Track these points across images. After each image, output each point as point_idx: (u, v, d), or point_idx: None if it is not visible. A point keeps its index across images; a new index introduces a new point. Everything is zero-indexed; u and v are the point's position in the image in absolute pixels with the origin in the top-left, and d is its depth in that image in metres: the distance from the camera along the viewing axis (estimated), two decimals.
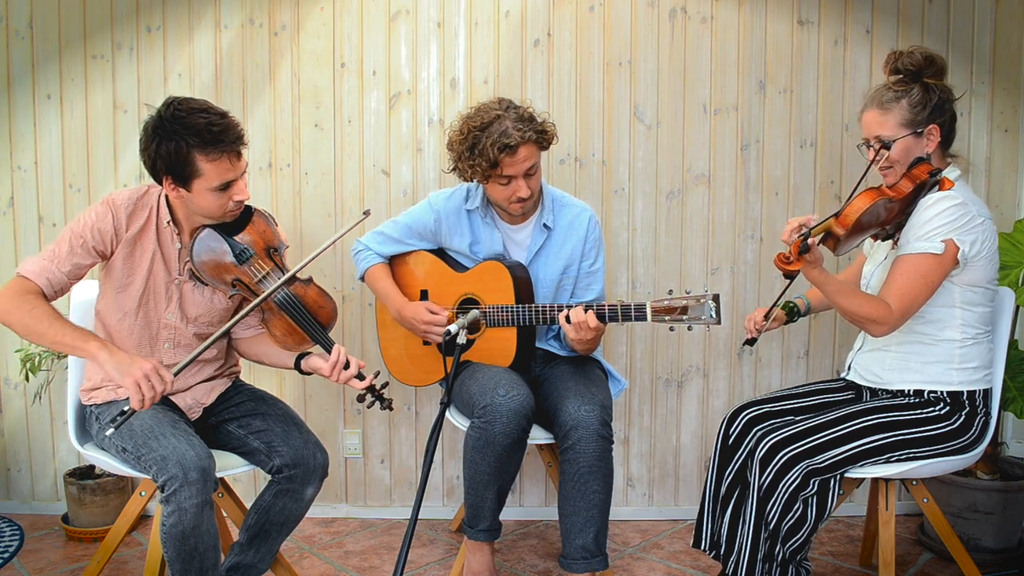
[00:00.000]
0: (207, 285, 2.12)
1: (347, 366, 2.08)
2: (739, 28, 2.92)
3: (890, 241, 2.13)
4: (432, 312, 2.41)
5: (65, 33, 2.92)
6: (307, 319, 2.10)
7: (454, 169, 2.38)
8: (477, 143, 2.26)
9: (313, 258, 2.07)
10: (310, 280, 2.15)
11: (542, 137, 2.31)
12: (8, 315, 1.90)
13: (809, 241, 1.86)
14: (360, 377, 2.11)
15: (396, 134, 2.96)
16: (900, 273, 1.99)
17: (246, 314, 2.04)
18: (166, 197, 2.07)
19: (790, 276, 1.91)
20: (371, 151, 2.97)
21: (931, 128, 2.06)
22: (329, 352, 2.10)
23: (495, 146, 2.23)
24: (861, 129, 2.15)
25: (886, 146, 2.06)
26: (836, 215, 1.94)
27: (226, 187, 1.98)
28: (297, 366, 2.17)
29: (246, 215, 2.12)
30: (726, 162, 2.96)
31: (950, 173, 2.09)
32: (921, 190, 2.01)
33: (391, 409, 2.22)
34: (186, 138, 1.90)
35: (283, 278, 2.06)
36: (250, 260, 2.09)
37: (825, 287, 2.00)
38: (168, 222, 2.07)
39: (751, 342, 2.27)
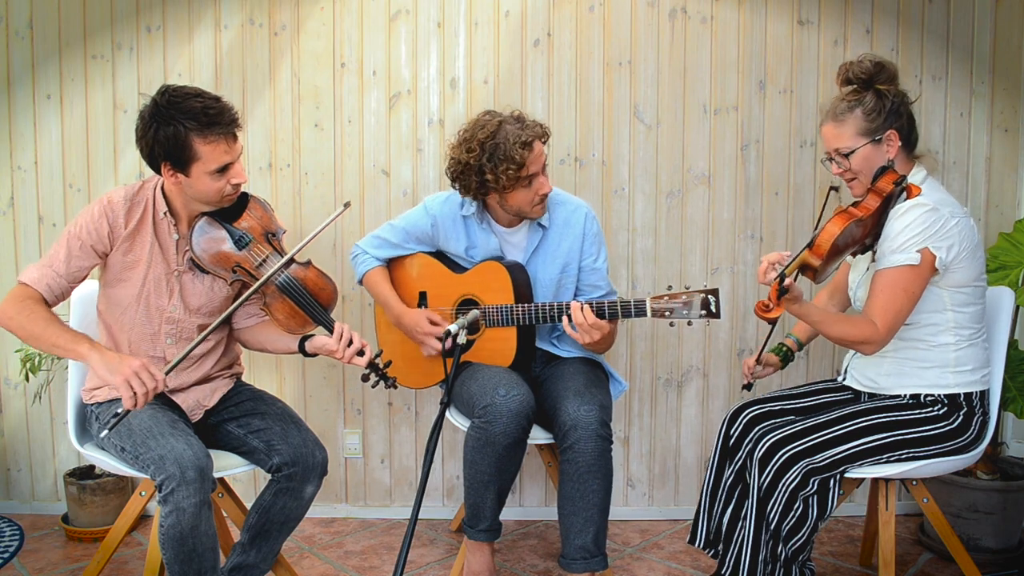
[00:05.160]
0: (207, 274, 2.13)
1: (350, 344, 2.10)
2: (739, 28, 2.92)
3: (870, 252, 2.11)
4: (433, 323, 2.41)
5: (65, 33, 2.92)
6: (308, 301, 2.12)
7: (468, 191, 2.33)
8: (496, 150, 2.23)
9: (311, 239, 2.07)
10: (309, 263, 2.17)
11: (544, 132, 2.32)
12: (11, 320, 1.96)
13: (787, 283, 1.82)
14: (362, 354, 2.13)
15: (396, 134, 2.96)
16: (880, 289, 1.98)
17: (246, 298, 2.05)
18: (162, 188, 2.09)
19: (772, 322, 1.86)
20: (371, 151, 2.97)
21: (889, 134, 2.04)
22: (332, 332, 2.12)
23: (517, 143, 2.22)
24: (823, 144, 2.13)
25: (846, 156, 2.05)
26: (809, 245, 1.90)
27: (223, 170, 2.00)
28: (302, 349, 2.19)
29: (242, 201, 2.15)
30: (726, 162, 2.96)
31: (916, 175, 2.07)
32: (890, 202, 1.99)
33: (395, 387, 2.22)
34: (183, 122, 1.92)
35: (281, 261, 2.07)
36: (249, 245, 2.12)
37: (808, 318, 1.99)
38: (165, 213, 2.08)
39: (748, 387, 2.29)
